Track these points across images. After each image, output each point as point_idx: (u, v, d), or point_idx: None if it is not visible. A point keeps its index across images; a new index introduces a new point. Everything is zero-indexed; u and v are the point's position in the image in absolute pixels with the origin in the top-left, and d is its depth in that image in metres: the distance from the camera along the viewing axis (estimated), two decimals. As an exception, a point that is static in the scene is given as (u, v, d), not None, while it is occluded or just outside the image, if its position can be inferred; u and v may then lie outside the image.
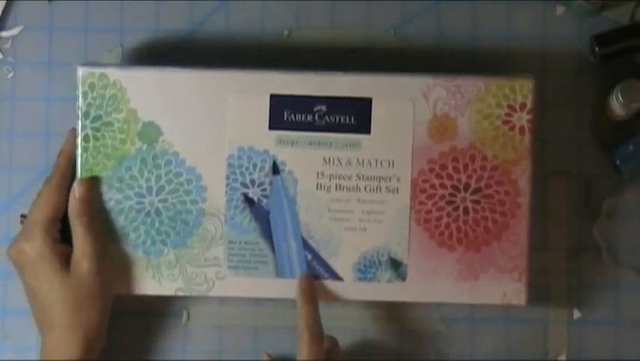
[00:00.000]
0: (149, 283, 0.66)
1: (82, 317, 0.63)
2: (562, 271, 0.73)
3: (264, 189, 0.65)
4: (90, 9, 0.74)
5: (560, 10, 0.74)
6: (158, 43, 0.74)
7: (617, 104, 0.71)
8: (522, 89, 0.64)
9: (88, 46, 0.74)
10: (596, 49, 0.72)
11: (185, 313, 0.72)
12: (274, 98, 0.64)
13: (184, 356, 0.73)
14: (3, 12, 0.73)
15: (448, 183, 0.65)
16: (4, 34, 0.74)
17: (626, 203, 0.76)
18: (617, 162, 0.73)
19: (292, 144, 0.64)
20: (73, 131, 0.66)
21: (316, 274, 0.66)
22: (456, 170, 0.65)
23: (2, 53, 0.74)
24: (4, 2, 0.73)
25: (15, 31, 0.74)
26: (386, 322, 0.74)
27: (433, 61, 0.75)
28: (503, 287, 0.65)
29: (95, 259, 0.64)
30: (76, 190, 0.65)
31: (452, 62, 0.75)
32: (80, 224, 0.65)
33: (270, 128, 0.64)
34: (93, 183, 0.65)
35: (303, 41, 0.74)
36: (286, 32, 0.74)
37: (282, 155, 0.65)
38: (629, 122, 0.72)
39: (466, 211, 0.65)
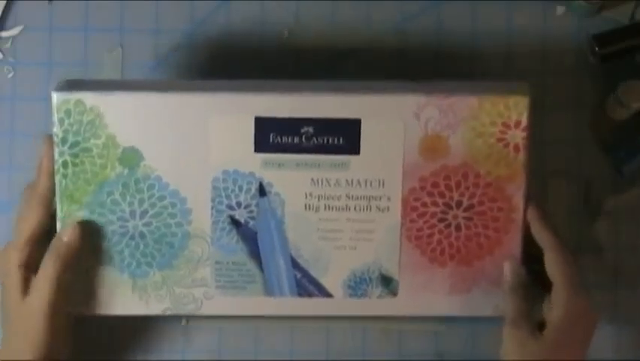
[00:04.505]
0: (136, 304, 0.64)
1: (30, 343, 0.61)
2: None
3: (251, 211, 0.63)
4: (90, 9, 0.72)
5: (560, 10, 0.72)
6: (158, 43, 0.72)
7: (617, 104, 0.68)
8: (517, 106, 0.61)
9: (88, 46, 0.72)
10: (596, 49, 0.69)
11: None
12: (259, 121, 0.61)
13: (184, 356, 0.71)
14: (3, 12, 0.71)
15: (439, 200, 0.62)
16: (4, 34, 0.72)
17: (626, 203, 0.75)
18: (617, 162, 0.70)
19: (279, 166, 0.61)
20: (49, 139, 0.62)
21: (306, 292, 0.64)
22: (448, 188, 0.62)
23: (2, 53, 0.72)
24: (4, 2, 0.71)
25: (15, 31, 0.72)
26: (386, 322, 0.71)
27: (433, 61, 0.72)
28: (496, 299, 0.63)
29: (49, 299, 0.61)
30: (67, 233, 0.62)
31: (452, 62, 0.72)
32: (52, 264, 0.61)
33: (256, 151, 0.62)
34: (83, 230, 0.62)
35: (303, 41, 0.72)
36: (286, 32, 0.72)
37: (269, 177, 0.62)
38: (629, 122, 0.70)
39: (458, 228, 0.63)
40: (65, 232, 0.62)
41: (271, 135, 0.61)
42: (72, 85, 0.63)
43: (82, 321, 0.66)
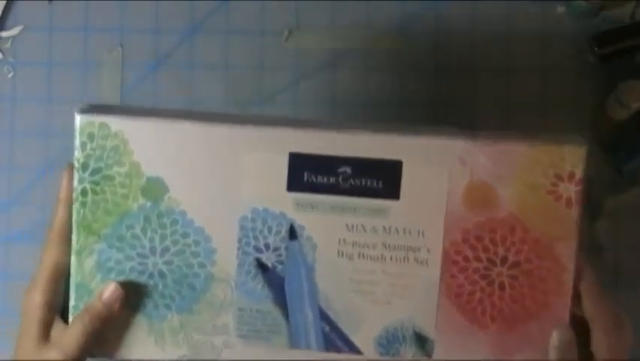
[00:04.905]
0: (152, 349, 0.58)
1: None
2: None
3: (280, 255, 0.57)
4: (90, 9, 0.70)
5: (560, 10, 0.70)
6: (158, 43, 0.71)
7: (617, 104, 0.66)
8: (572, 158, 0.55)
9: (88, 46, 0.70)
10: (596, 49, 0.68)
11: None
12: (294, 158, 0.56)
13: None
14: (3, 12, 0.70)
15: (483, 255, 0.56)
16: (4, 34, 0.70)
17: (626, 203, 0.75)
18: (617, 162, 0.70)
19: (312, 207, 0.56)
20: (70, 169, 0.57)
21: (334, 347, 0.58)
22: (493, 242, 0.56)
23: (2, 53, 0.70)
24: (4, 2, 0.69)
25: (15, 31, 0.70)
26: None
27: (433, 61, 0.70)
28: None
29: (70, 359, 0.56)
30: (106, 293, 0.56)
31: (452, 62, 0.70)
32: (82, 326, 0.56)
33: (289, 189, 0.56)
34: (125, 286, 0.57)
35: (303, 41, 0.71)
36: (286, 32, 0.71)
37: (301, 219, 0.57)
38: (629, 122, 0.68)
39: (502, 287, 0.57)
40: (104, 292, 0.57)
41: (305, 174, 0.56)
42: (97, 109, 0.57)
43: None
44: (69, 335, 0.56)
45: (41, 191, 0.70)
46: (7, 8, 0.70)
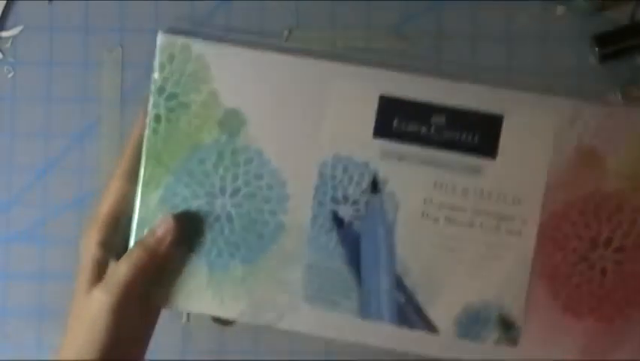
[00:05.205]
0: (209, 301, 0.52)
1: (92, 341, 0.51)
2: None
3: (358, 210, 0.51)
4: (90, 9, 0.68)
5: (560, 10, 0.67)
6: None
7: None
8: None
9: (88, 46, 0.68)
10: (596, 49, 0.66)
11: (185, 313, 0.68)
12: (384, 101, 0.50)
13: (184, 356, 0.68)
14: (3, 12, 0.67)
15: (585, 234, 0.49)
16: (4, 34, 0.68)
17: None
18: None
19: (399, 158, 0.50)
20: (145, 104, 0.53)
21: (408, 322, 0.52)
22: (597, 219, 0.49)
23: (2, 52, 0.68)
24: (4, 2, 0.67)
25: (15, 31, 0.68)
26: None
27: (433, 61, 0.68)
28: None
29: (117, 300, 0.50)
30: (161, 228, 0.51)
31: (452, 62, 0.69)
32: (128, 258, 0.51)
33: (375, 135, 0.50)
34: (182, 222, 0.52)
35: (303, 41, 0.69)
36: (286, 32, 0.69)
37: (385, 171, 0.50)
38: None
39: (603, 272, 0.50)
40: (159, 227, 0.52)
41: (395, 120, 0.50)
42: (182, 31, 0.52)
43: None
44: (116, 272, 0.50)
45: (41, 191, 0.69)
46: (7, 8, 0.70)
